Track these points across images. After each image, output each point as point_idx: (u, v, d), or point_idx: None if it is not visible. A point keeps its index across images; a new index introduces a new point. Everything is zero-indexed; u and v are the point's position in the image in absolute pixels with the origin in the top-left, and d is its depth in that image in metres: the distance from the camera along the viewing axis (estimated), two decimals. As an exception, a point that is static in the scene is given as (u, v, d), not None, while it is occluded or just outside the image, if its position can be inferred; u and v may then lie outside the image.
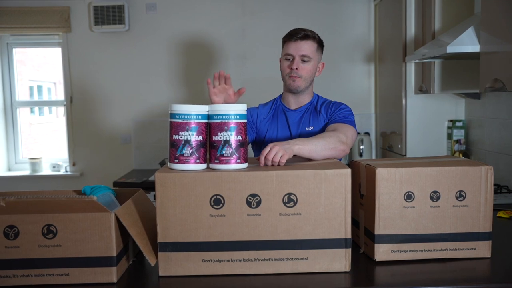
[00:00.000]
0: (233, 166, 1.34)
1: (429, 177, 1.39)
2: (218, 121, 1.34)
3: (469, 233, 1.41)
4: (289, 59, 1.91)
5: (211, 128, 1.36)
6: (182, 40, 3.85)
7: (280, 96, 2.07)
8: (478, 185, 1.40)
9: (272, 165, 1.42)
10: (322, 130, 1.90)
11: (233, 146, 1.34)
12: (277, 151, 1.43)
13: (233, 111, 1.34)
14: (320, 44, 1.95)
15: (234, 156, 1.34)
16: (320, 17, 3.82)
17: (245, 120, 1.37)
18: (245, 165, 1.37)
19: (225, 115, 1.33)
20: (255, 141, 2.04)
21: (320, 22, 3.81)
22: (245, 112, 1.37)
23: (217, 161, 1.35)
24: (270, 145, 1.46)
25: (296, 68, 1.88)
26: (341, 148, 1.63)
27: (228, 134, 1.33)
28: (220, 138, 1.33)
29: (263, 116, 2.03)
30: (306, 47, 1.88)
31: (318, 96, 2.03)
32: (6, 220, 1.27)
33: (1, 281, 1.28)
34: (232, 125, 1.33)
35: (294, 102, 2.00)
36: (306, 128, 1.94)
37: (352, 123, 1.87)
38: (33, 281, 1.28)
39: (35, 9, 3.76)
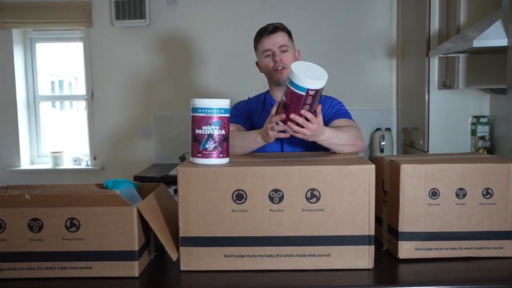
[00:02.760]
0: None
1: (455, 174, 1.36)
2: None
3: (496, 231, 1.38)
4: (268, 55, 1.90)
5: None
6: (203, 34, 3.85)
7: (267, 93, 2.04)
8: (506, 183, 1.37)
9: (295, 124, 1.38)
10: None
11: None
12: (308, 131, 1.39)
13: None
14: (289, 33, 1.96)
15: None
16: (341, 11, 3.78)
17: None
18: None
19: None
20: None
21: (341, 16, 3.78)
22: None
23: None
24: (315, 120, 1.39)
25: (280, 59, 1.87)
26: (360, 144, 1.63)
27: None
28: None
29: (254, 106, 2.01)
30: (280, 37, 1.89)
31: None
32: (30, 213, 1.28)
33: (25, 273, 1.29)
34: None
35: None
36: None
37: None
38: (56, 274, 1.29)
39: (58, 4, 3.80)
